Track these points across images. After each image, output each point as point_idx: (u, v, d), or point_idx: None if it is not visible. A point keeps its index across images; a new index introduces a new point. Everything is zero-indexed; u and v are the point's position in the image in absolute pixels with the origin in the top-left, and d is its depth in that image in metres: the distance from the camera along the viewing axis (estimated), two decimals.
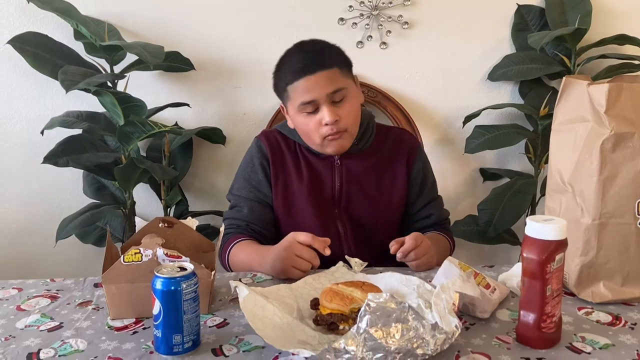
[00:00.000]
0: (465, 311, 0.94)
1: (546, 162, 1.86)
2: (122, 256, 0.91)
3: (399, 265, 1.18)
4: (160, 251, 0.92)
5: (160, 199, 1.81)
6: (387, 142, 1.39)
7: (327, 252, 1.08)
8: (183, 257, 0.93)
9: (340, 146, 1.29)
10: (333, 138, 1.26)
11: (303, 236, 1.10)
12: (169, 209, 1.82)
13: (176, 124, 1.85)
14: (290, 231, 1.13)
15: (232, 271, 1.25)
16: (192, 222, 1.09)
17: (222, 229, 1.11)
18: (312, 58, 1.25)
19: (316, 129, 1.26)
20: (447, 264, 0.99)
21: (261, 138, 1.39)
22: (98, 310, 0.97)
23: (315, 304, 0.93)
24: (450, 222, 1.49)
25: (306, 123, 1.27)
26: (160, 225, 1.04)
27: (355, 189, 1.34)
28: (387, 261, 1.20)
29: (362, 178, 1.34)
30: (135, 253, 0.92)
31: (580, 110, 1.00)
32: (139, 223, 1.07)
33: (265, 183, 1.34)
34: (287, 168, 1.35)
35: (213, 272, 0.97)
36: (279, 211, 1.34)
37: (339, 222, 1.34)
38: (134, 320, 0.93)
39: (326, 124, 1.24)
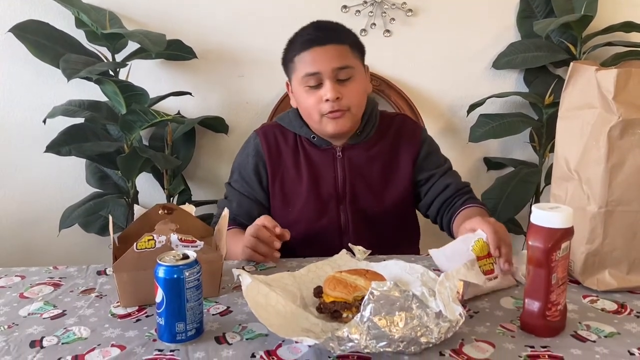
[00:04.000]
0: None
1: (551, 151, 1.85)
2: (135, 243, 0.91)
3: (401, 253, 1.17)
4: (174, 237, 0.92)
5: (163, 188, 1.80)
6: (389, 131, 1.35)
7: (287, 236, 1.12)
8: (197, 241, 0.92)
9: (341, 125, 1.25)
10: (333, 116, 1.23)
11: (268, 221, 1.12)
12: (172, 198, 1.82)
13: (178, 113, 1.84)
14: (293, 228, 1.14)
15: None
16: (189, 208, 1.09)
17: (225, 212, 1.10)
18: (324, 31, 1.25)
19: (316, 105, 1.24)
20: (458, 242, 0.99)
21: (259, 134, 1.36)
22: (101, 297, 0.97)
23: (318, 292, 0.93)
24: (471, 187, 1.39)
25: (307, 98, 1.25)
26: (160, 212, 1.04)
27: (359, 180, 1.32)
28: (389, 252, 1.19)
29: (366, 169, 1.32)
30: (149, 240, 0.91)
31: (588, 97, 0.98)
32: (138, 211, 1.06)
33: (255, 181, 1.33)
34: (285, 165, 1.33)
35: (223, 255, 0.98)
36: (276, 209, 1.33)
37: (343, 215, 1.32)
38: (137, 307, 0.93)
39: (327, 100, 1.21)
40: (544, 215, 0.82)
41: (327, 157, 1.32)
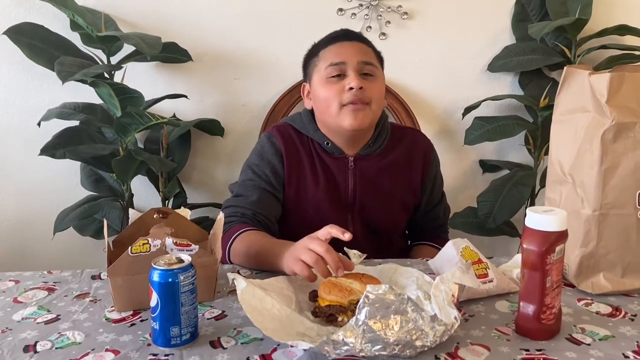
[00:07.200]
0: None
1: (546, 153, 1.86)
2: (129, 247, 0.90)
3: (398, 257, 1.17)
4: (169, 240, 0.91)
5: (159, 191, 1.80)
6: (402, 144, 1.34)
7: (347, 236, 0.94)
8: (192, 245, 0.92)
9: (360, 119, 1.20)
10: (355, 107, 1.19)
11: (324, 231, 0.97)
12: (167, 201, 1.81)
13: (174, 116, 1.84)
14: (303, 234, 0.99)
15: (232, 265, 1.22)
16: (184, 212, 1.08)
17: (220, 216, 1.05)
18: (352, 32, 1.30)
19: (337, 95, 1.20)
20: (449, 246, 0.99)
21: (274, 133, 1.30)
22: (95, 302, 0.97)
23: (314, 295, 0.93)
24: (448, 217, 1.50)
25: (328, 89, 1.21)
26: (155, 216, 1.03)
27: (369, 191, 1.29)
28: (392, 256, 1.20)
29: (376, 180, 1.30)
30: (144, 244, 0.91)
31: (581, 100, 0.99)
32: (133, 215, 1.06)
33: (275, 179, 1.27)
34: (302, 167, 1.28)
35: (218, 259, 0.97)
36: (291, 212, 1.28)
37: (352, 225, 1.30)
38: (132, 312, 0.93)
39: (350, 89, 1.19)
40: (538, 218, 0.82)
41: (340, 165, 1.29)
